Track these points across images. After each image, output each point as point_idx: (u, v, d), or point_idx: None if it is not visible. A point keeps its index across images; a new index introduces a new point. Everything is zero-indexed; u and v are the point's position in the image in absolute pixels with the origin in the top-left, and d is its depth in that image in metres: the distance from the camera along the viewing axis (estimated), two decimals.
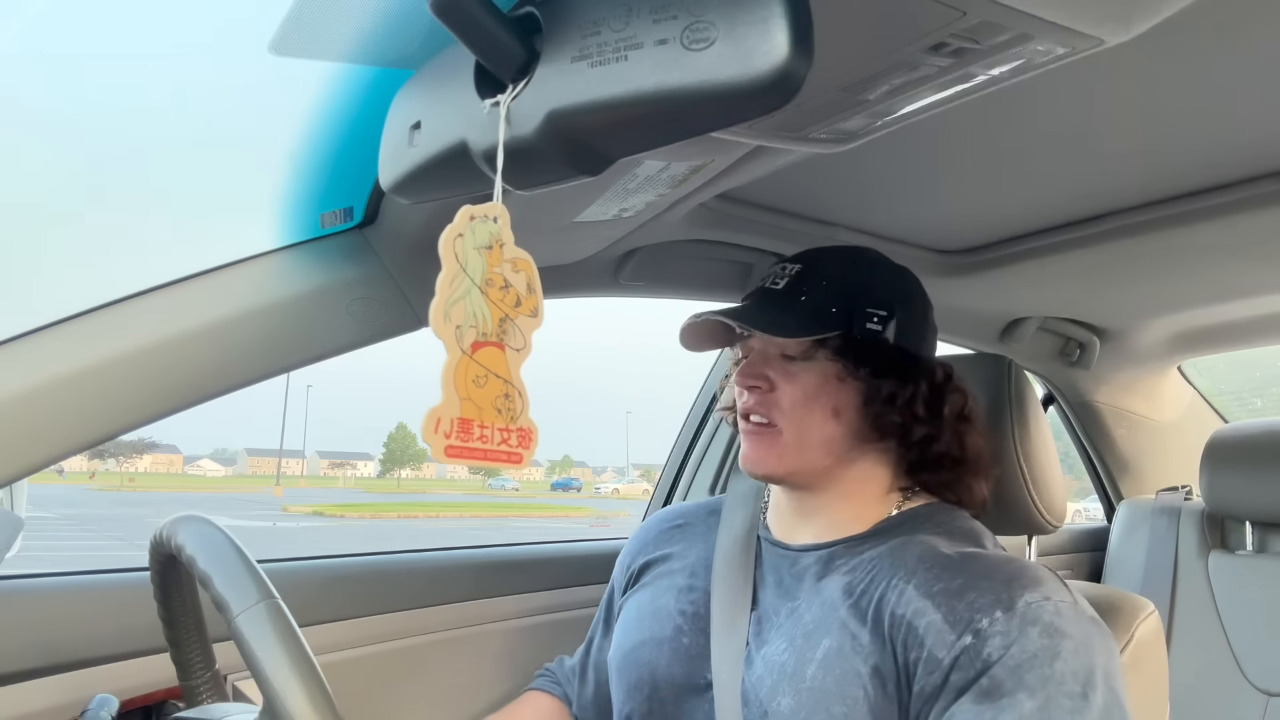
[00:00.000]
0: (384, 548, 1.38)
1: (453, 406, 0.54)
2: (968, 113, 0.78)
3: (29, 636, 0.99)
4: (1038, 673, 0.73)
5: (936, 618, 0.79)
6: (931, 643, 0.78)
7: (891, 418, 0.91)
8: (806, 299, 0.92)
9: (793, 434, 0.92)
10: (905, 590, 0.83)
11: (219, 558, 0.72)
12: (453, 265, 0.55)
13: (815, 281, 0.93)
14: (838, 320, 0.91)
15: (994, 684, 0.74)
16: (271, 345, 0.92)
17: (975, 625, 0.77)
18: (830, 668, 0.82)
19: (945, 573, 0.82)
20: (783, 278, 0.95)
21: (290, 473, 68.46)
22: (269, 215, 0.98)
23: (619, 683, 0.99)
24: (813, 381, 0.92)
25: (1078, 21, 0.58)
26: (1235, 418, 2.32)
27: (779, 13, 0.48)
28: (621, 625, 1.03)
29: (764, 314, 0.93)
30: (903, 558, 0.87)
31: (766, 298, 0.95)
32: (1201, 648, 1.77)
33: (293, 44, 0.73)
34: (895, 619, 0.81)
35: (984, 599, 0.78)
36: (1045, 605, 0.78)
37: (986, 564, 0.83)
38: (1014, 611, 0.77)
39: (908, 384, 0.91)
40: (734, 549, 0.99)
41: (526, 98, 0.57)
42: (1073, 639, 0.76)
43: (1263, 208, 1.14)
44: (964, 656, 0.76)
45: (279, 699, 0.65)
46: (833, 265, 0.96)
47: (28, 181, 1.02)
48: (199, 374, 0.88)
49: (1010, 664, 0.74)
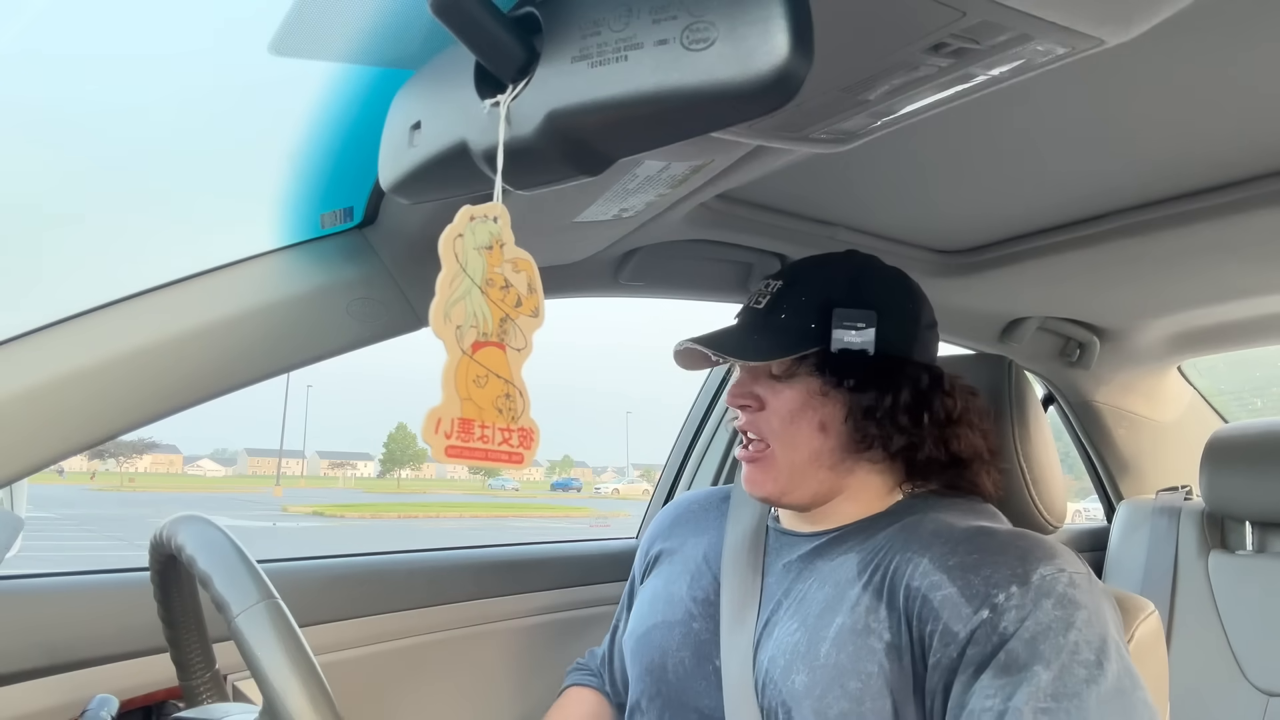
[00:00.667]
0: (384, 548, 1.38)
1: (453, 407, 0.54)
2: (968, 113, 0.78)
3: (29, 636, 0.99)
4: (1052, 643, 0.74)
5: (952, 591, 0.80)
6: (948, 616, 0.79)
7: (870, 430, 0.92)
8: (786, 317, 0.94)
9: (783, 452, 0.93)
10: (920, 564, 0.83)
11: (219, 558, 0.72)
12: (453, 265, 0.55)
13: (794, 298, 0.94)
14: (815, 336, 0.92)
15: (1011, 658, 0.75)
16: (271, 345, 0.92)
17: (992, 599, 0.78)
18: (843, 645, 0.82)
19: (960, 546, 0.83)
20: (765, 296, 0.96)
21: (290, 473, 68.47)
22: (269, 215, 0.98)
23: (632, 665, 1.01)
24: (796, 398, 0.93)
25: (1078, 21, 0.58)
26: (1235, 418, 2.32)
27: (779, 13, 0.48)
28: (636, 610, 1.06)
29: (743, 338, 0.95)
30: (916, 533, 0.88)
31: (750, 318, 0.97)
32: (1201, 648, 1.77)
33: (293, 44, 0.73)
34: (910, 592, 0.82)
35: (1000, 573, 0.79)
36: (1060, 577, 0.79)
37: (1001, 539, 0.84)
38: (1029, 585, 0.78)
39: (886, 394, 0.91)
40: (742, 544, 1.00)
41: (526, 98, 0.57)
42: (1086, 609, 0.77)
43: (1263, 208, 1.14)
44: (980, 630, 0.77)
45: (279, 699, 0.65)
46: (813, 278, 0.96)
47: (26, 182, 1.02)
48: (199, 374, 0.88)
49: (1025, 636, 0.75)
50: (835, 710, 0.80)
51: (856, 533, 0.93)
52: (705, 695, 0.93)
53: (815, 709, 0.81)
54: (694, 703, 0.94)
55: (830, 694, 0.81)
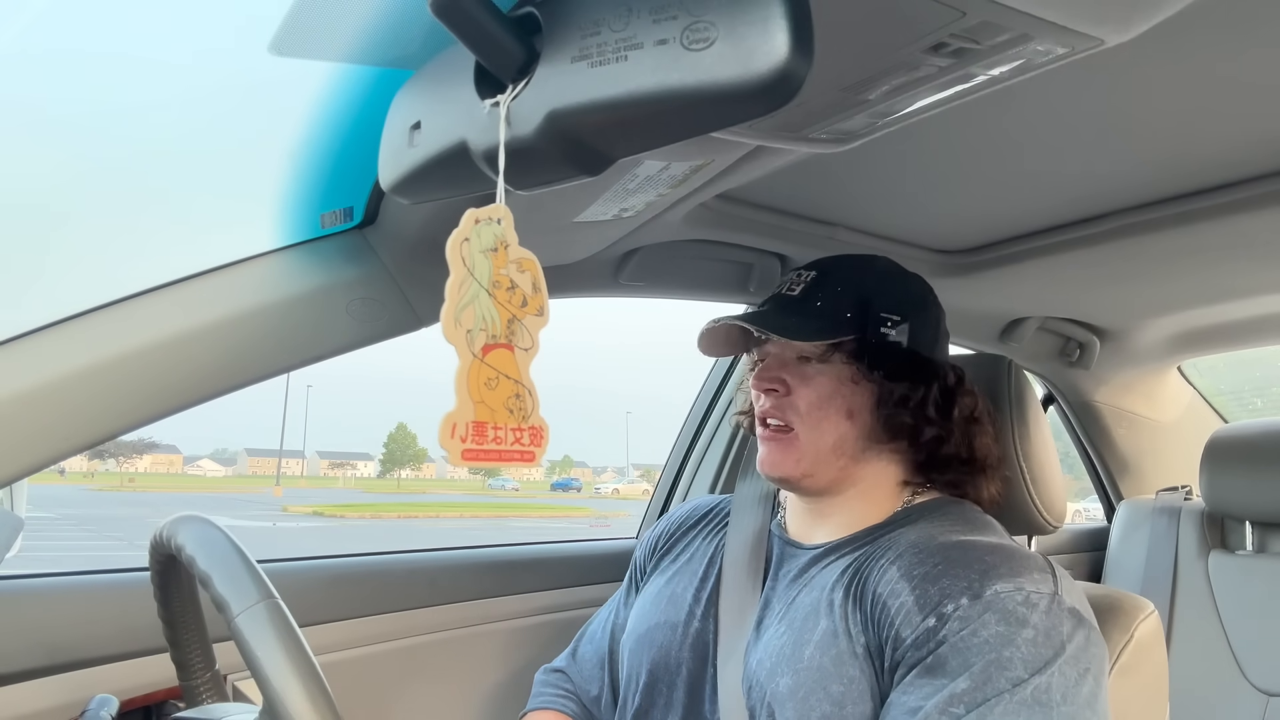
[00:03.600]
0: (384, 548, 1.38)
1: (467, 410, 0.54)
2: (968, 113, 0.78)
3: (29, 636, 0.99)
4: (983, 657, 0.75)
5: (909, 599, 0.81)
6: (900, 622, 0.80)
7: (903, 419, 0.94)
8: (822, 304, 0.95)
9: (808, 436, 0.94)
10: (888, 571, 0.85)
11: (219, 558, 0.72)
12: (460, 270, 0.55)
13: (830, 288, 0.96)
14: (853, 324, 0.94)
15: (938, 661, 0.76)
16: (271, 345, 0.92)
17: (941, 609, 0.79)
18: (826, 648, 0.84)
19: (930, 559, 0.84)
20: (799, 284, 0.97)
21: (290, 473, 68.47)
22: (269, 215, 0.98)
23: (631, 661, 1.01)
24: (828, 384, 0.94)
25: (1078, 21, 0.58)
26: (1235, 418, 2.32)
27: (779, 13, 0.48)
28: (638, 608, 1.06)
29: (781, 319, 0.95)
30: (896, 543, 0.89)
31: (783, 303, 0.97)
32: (1201, 648, 1.77)
33: (293, 44, 0.73)
34: (874, 598, 0.84)
35: (955, 585, 0.80)
36: (1014, 595, 0.78)
37: (972, 552, 0.83)
38: (980, 600, 0.78)
39: (919, 386, 0.94)
40: (743, 551, 1.01)
41: (526, 98, 0.57)
42: (1033, 629, 0.76)
43: (1263, 208, 1.14)
44: (922, 635, 0.78)
45: (279, 699, 0.65)
46: (847, 272, 0.98)
47: (25, 182, 1.02)
48: (199, 374, 0.88)
49: (959, 645, 0.76)
50: (818, 713, 0.81)
51: (849, 544, 0.93)
52: (705, 698, 0.93)
53: (799, 711, 0.82)
54: (693, 704, 0.94)
55: (813, 696, 0.82)
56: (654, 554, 1.14)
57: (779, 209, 1.22)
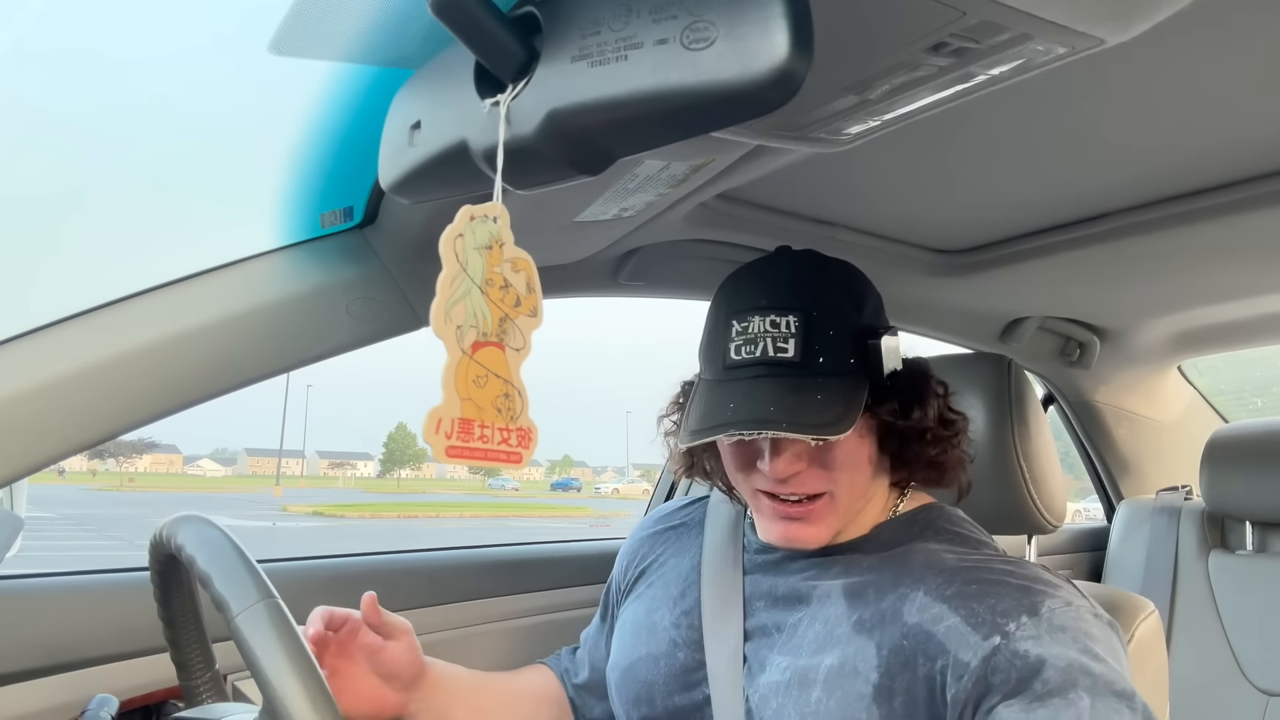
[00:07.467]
0: (384, 548, 1.38)
1: (453, 407, 0.54)
2: (967, 113, 0.78)
3: (29, 636, 0.98)
4: (1085, 672, 0.71)
5: (956, 620, 0.77)
6: (955, 647, 0.75)
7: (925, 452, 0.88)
8: (825, 360, 0.82)
9: (844, 495, 0.86)
10: (915, 598, 0.80)
11: (219, 557, 0.72)
12: (453, 265, 0.55)
13: (822, 333, 0.82)
14: (858, 369, 0.83)
15: (1046, 687, 0.70)
16: (271, 345, 0.92)
17: (1003, 627, 0.74)
18: (833, 689, 0.80)
19: (956, 577, 0.81)
20: (787, 339, 0.82)
21: (290, 473, 68.49)
22: (269, 215, 0.98)
23: (619, 697, 0.98)
24: (851, 440, 0.84)
25: (1078, 21, 0.58)
26: (1235, 418, 2.32)
27: (779, 13, 0.48)
28: (618, 639, 1.02)
29: (797, 404, 0.80)
30: (907, 566, 0.85)
31: (787, 373, 0.82)
32: (1201, 648, 1.77)
33: (292, 44, 0.73)
34: (909, 629, 0.79)
35: (1005, 603, 0.76)
36: (1068, 611, 0.76)
37: (997, 569, 0.82)
38: (1039, 617, 0.75)
39: (927, 408, 0.87)
40: (720, 561, 0.97)
41: (526, 97, 0.57)
42: (1100, 641, 0.75)
43: (1263, 208, 1.14)
44: (998, 658, 0.73)
45: (279, 699, 0.65)
46: (826, 303, 0.84)
47: (24, 182, 1.02)
48: (199, 374, 0.88)
49: (1059, 664, 0.71)
50: None
51: (841, 562, 0.89)
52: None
53: None
54: None
55: None
56: (626, 579, 1.09)
57: (779, 209, 1.22)
